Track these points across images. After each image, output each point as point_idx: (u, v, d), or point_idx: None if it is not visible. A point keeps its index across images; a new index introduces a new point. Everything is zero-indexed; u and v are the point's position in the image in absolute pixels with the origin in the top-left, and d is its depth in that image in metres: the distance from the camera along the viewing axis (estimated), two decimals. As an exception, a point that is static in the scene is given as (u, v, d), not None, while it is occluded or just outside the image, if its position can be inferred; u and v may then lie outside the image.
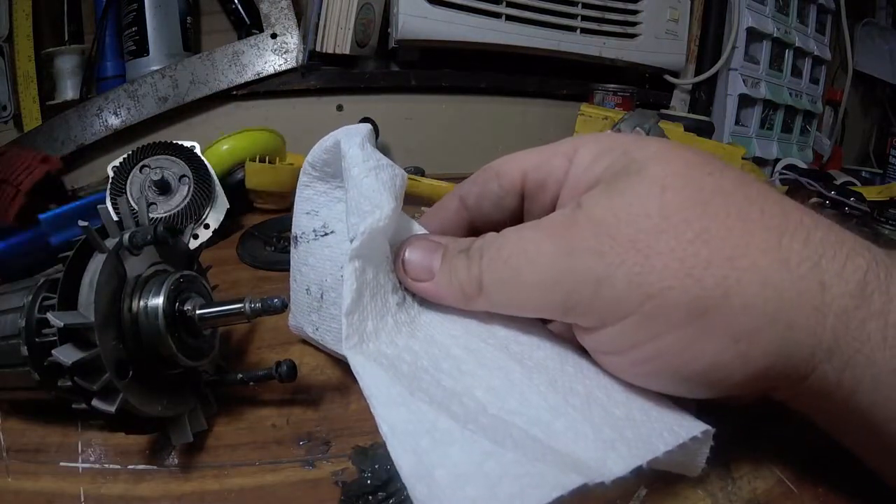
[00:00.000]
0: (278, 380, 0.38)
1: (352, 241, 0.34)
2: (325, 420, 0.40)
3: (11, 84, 0.97)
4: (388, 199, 0.36)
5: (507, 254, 0.33)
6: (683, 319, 0.28)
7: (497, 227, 0.36)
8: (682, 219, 0.29)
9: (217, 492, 0.34)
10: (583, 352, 0.36)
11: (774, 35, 1.36)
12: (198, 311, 0.36)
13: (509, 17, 1.13)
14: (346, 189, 0.38)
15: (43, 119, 0.99)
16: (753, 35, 1.33)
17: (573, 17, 1.19)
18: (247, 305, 0.35)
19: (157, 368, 0.36)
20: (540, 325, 0.38)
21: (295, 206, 0.45)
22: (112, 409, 0.31)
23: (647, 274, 0.29)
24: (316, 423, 0.39)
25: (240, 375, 0.39)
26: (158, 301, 0.35)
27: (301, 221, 0.44)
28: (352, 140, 0.38)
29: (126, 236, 0.34)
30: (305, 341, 0.48)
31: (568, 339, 0.36)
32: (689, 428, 0.31)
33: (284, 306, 0.35)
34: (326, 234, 0.42)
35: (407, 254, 0.37)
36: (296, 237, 0.44)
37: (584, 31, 1.20)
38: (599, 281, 0.30)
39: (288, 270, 0.45)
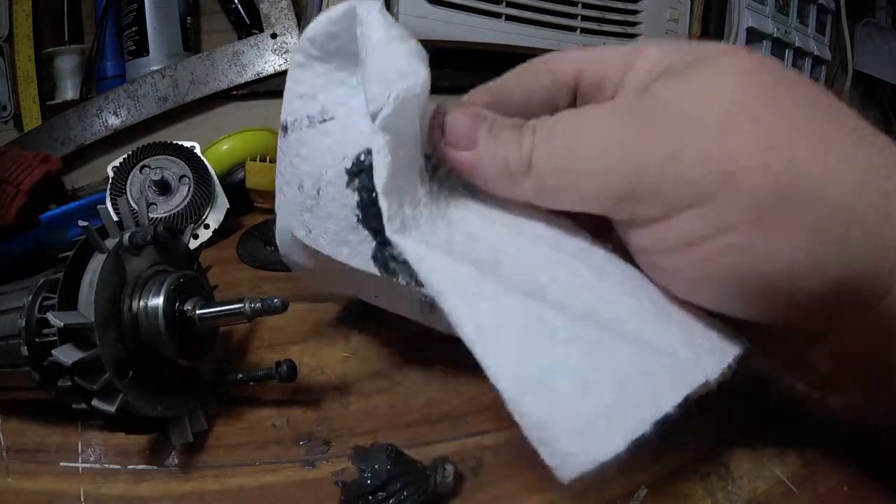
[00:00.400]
0: (278, 380, 0.38)
1: (374, 116, 0.30)
2: (325, 420, 0.40)
3: (11, 84, 0.97)
4: (420, 65, 0.31)
5: (564, 130, 0.30)
6: (762, 207, 0.26)
7: None
8: (756, 106, 0.27)
9: (217, 492, 0.34)
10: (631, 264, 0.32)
11: (774, 35, 1.35)
12: (198, 311, 0.36)
13: (509, 17, 1.12)
14: (364, 59, 0.32)
15: (43, 119, 0.99)
16: (753, 35, 1.32)
17: (573, 16, 1.18)
18: (247, 305, 0.35)
19: (157, 368, 0.36)
20: (582, 230, 0.34)
21: (285, 90, 0.39)
22: (112, 409, 0.31)
23: (724, 152, 0.26)
24: (316, 423, 0.40)
25: (240, 375, 0.39)
26: (158, 301, 0.35)
27: (293, 107, 0.38)
28: (370, 4, 0.32)
29: (126, 236, 0.34)
30: (305, 341, 0.48)
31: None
32: (736, 341, 0.29)
33: (285, 307, 0.35)
34: (325, 120, 0.36)
35: (449, 117, 0.33)
36: (285, 125, 0.38)
37: (584, 30, 1.20)
38: (669, 159, 0.27)
39: (286, 270, 0.44)
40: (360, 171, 0.33)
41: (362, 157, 0.32)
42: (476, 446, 0.38)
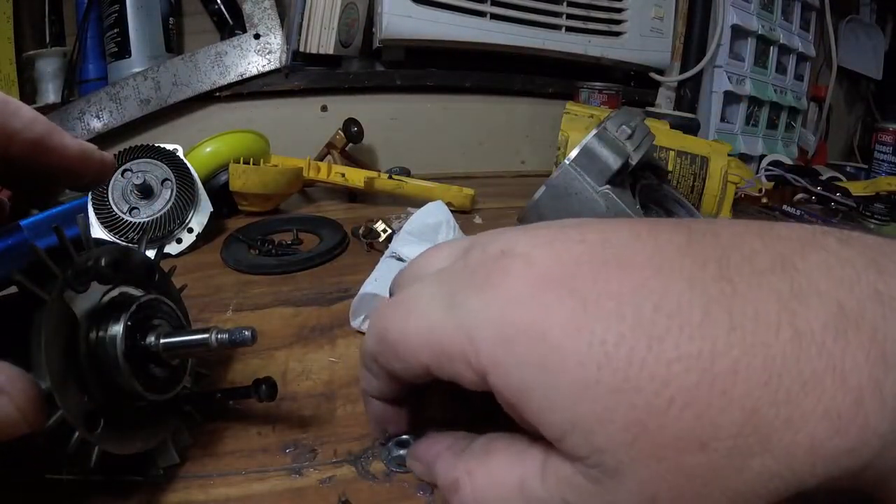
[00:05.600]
0: (258, 400, 0.37)
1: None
2: (311, 426, 0.39)
3: (-9, 87, 0.96)
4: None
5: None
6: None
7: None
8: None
9: (203, 502, 0.34)
10: None
11: (759, 32, 1.36)
12: (161, 342, 0.33)
13: (494, 16, 1.12)
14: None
15: (24, 123, 0.98)
16: (738, 32, 1.33)
17: (558, 15, 1.18)
18: (213, 337, 0.33)
19: (126, 405, 0.33)
20: None
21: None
22: (90, 464, 0.30)
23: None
24: (302, 430, 0.39)
25: (218, 394, 0.38)
26: (117, 340, 0.32)
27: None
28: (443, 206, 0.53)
29: (69, 273, 0.31)
30: (291, 346, 0.48)
31: None
32: None
33: (254, 339, 0.33)
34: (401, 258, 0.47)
35: None
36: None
37: (569, 29, 1.20)
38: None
39: (271, 274, 0.44)
40: None
41: None
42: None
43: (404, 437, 0.36)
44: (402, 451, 0.35)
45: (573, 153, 0.62)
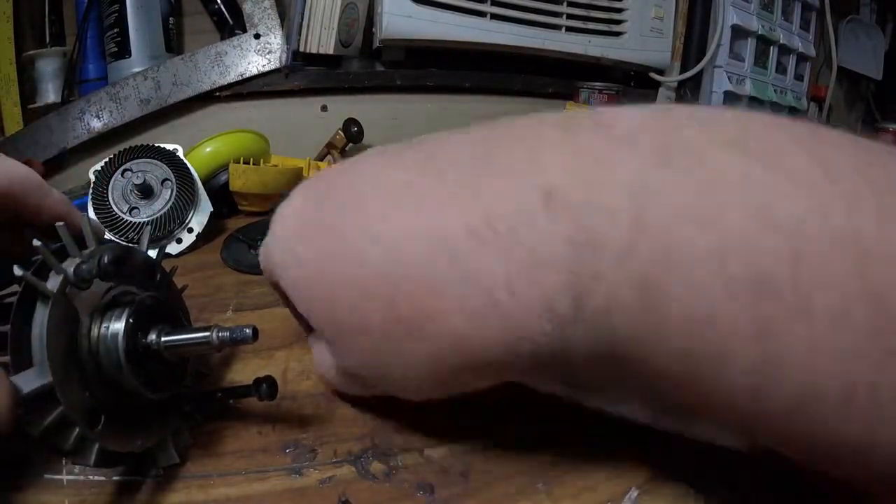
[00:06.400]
0: (258, 399, 0.37)
1: None
2: (311, 426, 0.39)
3: (-8, 88, 0.96)
4: None
5: None
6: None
7: None
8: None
9: (203, 502, 0.34)
10: None
11: (759, 32, 1.36)
12: (162, 340, 0.33)
13: (494, 16, 1.12)
14: None
15: (24, 123, 0.98)
16: (738, 32, 1.33)
17: (558, 15, 1.18)
18: (214, 335, 0.33)
19: (128, 403, 0.33)
20: None
21: None
22: (90, 461, 0.29)
23: None
24: (302, 430, 0.39)
25: (219, 394, 0.38)
26: (118, 338, 0.32)
27: None
28: None
29: (71, 271, 0.31)
30: (291, 346, 0.48)
31: None
32: None
33: (255, 337, 0.33)
34: None
35: None
36: None
37: (569, 29, 1.20)
38: None
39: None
40: None
41: None
42: (465, 451, 0.37)
43: None
44: None
45: (573, 153, 0.62)
